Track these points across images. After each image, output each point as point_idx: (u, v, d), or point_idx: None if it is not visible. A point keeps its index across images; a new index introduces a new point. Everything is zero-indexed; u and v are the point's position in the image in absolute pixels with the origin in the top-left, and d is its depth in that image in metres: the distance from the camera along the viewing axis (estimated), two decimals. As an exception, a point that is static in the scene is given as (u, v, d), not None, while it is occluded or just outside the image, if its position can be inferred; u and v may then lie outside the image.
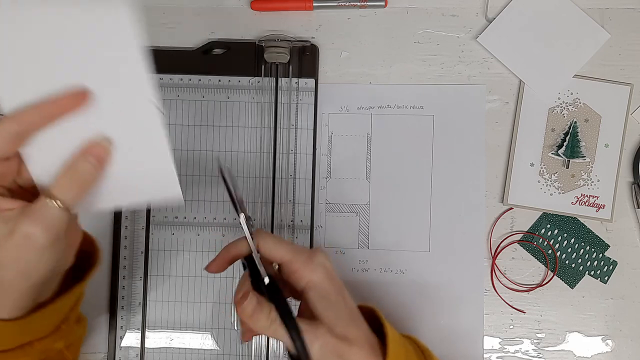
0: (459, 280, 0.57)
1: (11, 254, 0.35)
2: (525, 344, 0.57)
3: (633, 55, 0.58)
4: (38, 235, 0.34)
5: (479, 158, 0.58)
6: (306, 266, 0.39)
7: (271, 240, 0.41)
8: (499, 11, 0.59)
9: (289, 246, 0.41)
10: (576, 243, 0.58)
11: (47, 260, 0.36)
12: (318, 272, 0.39)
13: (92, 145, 0.37)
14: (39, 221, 0.35)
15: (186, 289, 0.58)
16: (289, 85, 0.58)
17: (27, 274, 0.36)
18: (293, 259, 0.40)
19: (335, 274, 0.41)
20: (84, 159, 0.36)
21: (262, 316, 0.38)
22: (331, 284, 0.40)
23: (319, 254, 0.40)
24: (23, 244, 0.35)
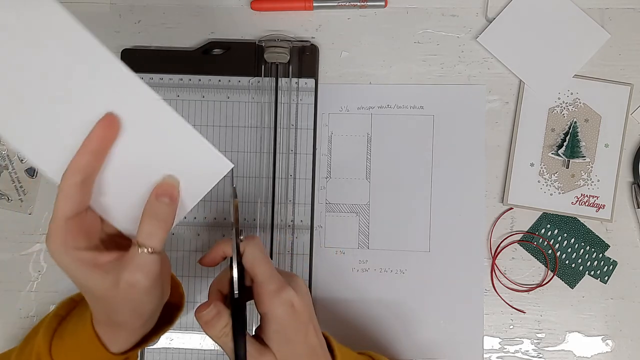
0: (459, 280, 0.57)
1: (121, 300, 0.38)
2: (525, 344, 0.57)
3: (633, 55, 0.58)
4: (140, 281, 0.37)
5: (479, 158, 0.58)
6: (272, 297, 0.39)
7: (255, 254, 0.41)
8: (499, 11, 0.59)
9: (266, 269, 0.40)
10: (576, 243, 0.58)
11: (152, 299, 0.40)
12: (281, 308, 0.39)
13: (160, 186, 0.39)
14: (138, 269, 0.37)
15: (186, 289, 0.58)
16: (289, 85, 0.58)
17: (139, 313, 0.40)
18: (263, 284, 0.40)
19: (303, 307, 0.40)
20: (157, 202, 0.38)
21: (217, 326, 0.40)
22: (292, 321, 0.40)
23: (287, 290, 0.40)
24: (129, 291, 0.37)
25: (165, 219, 0.38)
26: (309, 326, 0.41)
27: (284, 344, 0.40)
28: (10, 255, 0.59)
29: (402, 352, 0.57)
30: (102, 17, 0.60)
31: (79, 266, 0.37)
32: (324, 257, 0.58)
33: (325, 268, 0.58)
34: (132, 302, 0.38)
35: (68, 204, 0.37)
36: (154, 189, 0.39)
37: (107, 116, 0.37)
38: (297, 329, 0.40)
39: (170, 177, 0.39)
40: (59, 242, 0.37)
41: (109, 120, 0.37)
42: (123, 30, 0.60)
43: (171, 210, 0.39)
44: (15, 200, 0.59)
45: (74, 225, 0.37)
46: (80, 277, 0.38)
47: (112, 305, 0.38)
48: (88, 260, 0.38)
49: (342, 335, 0.56)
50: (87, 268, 0.38)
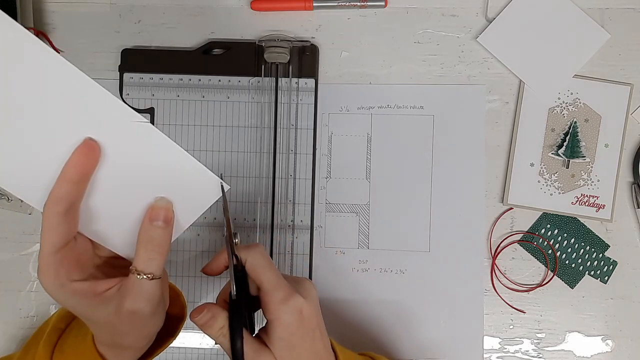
0: (459, 280, 0.57)
1: (125, 327, 0.38)
2: (525, 344, 0.57)
3: (633, 55, 0.58)
4: (142, 308, 0.37)
5: (479, 158, 0.58)
6: (279, 306, 0.38)
7: (259, 261, 0.40)
8: (499, 11, 0.59)
9: (272, 277, 0.39)
10: (576, 243, 0.58)
11: (155, 322, 0.40)
12: (288, 316, 0.38)
13: (152, 209, 0.38)
14: (139, 297, 0.37)
15: (186, 288, 0.58)
16: (289, 85, 0.58)
17: (143, 335, 0.40)
18: (270, 292, 0.39)
19: (311, 314, 0.40)
20: (151, 226, 0.38)
21: (214, 327, 0.39)
22: (299, 329, 0.39)
23: (297, 297, 0.39)
24: (132, 318, 0.37)
25: (161, 243, 0.37)
26: (315, 331, 0.40)
27: (286, 349, 0.39)
28: (10, 255, 0.59)
29: (402, 352, 0.57)
30: (102, 17, 0.60)
31: (77, 299, 0.37)
32: (324, 257, 0.58)
33: (325, 268, 0.58)
34: (136, 327, 0.38)
35: (54, 235, 0.35)
36: (147, 213, 0.38)
37: (85, 142, 0.36)
38: (304, 336, 0.39)
39: (162, 199, 0.38)
40: (52, 277, 0.36)
41: (87, 147, 0.36)
42: (123, 30, 0.60)
43: (166, 233, 0.38)
44: (15, 200, 0.59)
45: (65, 256, 0.36)
46: (80, 309, 0.38)
47: (115, 330, 0.38)
48: (85, 291, 0.37)
49: (342, 335, 0.56)
50: (86, 299, 0.37)
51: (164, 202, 0.38)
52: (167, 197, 0.39)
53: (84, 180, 0.36)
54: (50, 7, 0.60)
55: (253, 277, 0.40)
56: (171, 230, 0.38)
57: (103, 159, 0.37)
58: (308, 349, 0.40)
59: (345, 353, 0.44)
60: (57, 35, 0.60)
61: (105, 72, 0.59)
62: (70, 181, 0.35)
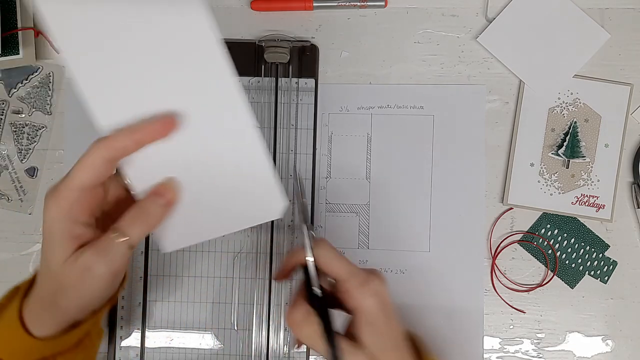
0: (459, 280, 0.57)
1: (72, 281, 0.36)
2: (525, 344, 0.57)
3: (633, 55, 0.58)
4: (97, 267, 0.36)
5: (479, 158, 0.58)
6: (359, 290, 0.39)
7: (330, 254, 0.40)
8: (499, 11, 0.59)
9: (346, 265, 0.40)
10: (576, 243, 0.58)
11: (102, 292, 0.38)
12: (370, 299, 0.39)
13: (162, 187, 0.38)
14: (102, 254, 0.36)
15: (186, 289, 0.58)
16: (289, 85, 0.58)
17: (83, 303, 0.38)
18: (348, 279, 0.39)
19: (388, 300, 0.40)
20: (153, 201, 0.38)
21: (307, 327, 0.39)
22: (381, 312, 0.39)
23: (374, 279, 0.40)
24: (83, 274, 0.36)
25: (152, 217, 0.37)
26: (393, 316, 0.40)
27: (376, 336, 0.39)
28: (10, 255, 0.59)
29: (402, 352, 0.57)
30: (102, 17, 0.60)
31: (62, 237, 0.36)
32: (324, 257, 0.58)
33: (325, 268, 0.58)
34: (81, 287, 0.37)
35: (90, 174, 0.36)
36: (154, 187, 0.38)
37: (170, 117, 0.37)
38: (386, 319, 0.39)
39: (174, 181, 0.38)
40: (64, 210, 0.36)
41: (169, 121, 0.37)
42: (123, 30, 0.60)
43: (162, 212, 0.38)
44: (15, 200, 0.59)
45: (85, 198, 0.37)
46: (52, 245, 0.37)
47: (61, 284, 0.37)
48: (77, 235, 0.37)
49: (342, 335, 0.56)
50: (67, 241, 0.36)
51: (174, 184, 0.38)
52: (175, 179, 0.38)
53: (143, 145, 0.37)
54: (50, 7, 0.60)
55: (327, 270, 0.40)
56: (167, 212, 0.38)
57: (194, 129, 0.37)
58: (390, 335, 0.40)
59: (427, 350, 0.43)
60: (57, 35, 0.60)
61: (105, 72, 0.59)
62: (133, 139, 0.36)
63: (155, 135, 0.37)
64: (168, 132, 0.37)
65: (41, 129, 0.60)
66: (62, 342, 0.41)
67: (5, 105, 0.60)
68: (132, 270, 0.57)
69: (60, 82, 0.60)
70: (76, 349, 0.43)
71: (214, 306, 0.57)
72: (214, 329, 0.57)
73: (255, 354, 0.56)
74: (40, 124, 0.60)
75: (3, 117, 0.60)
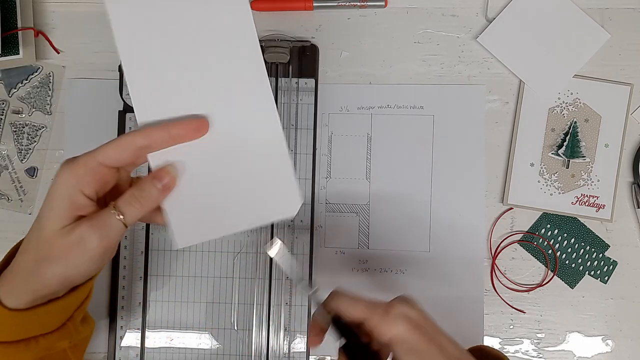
0: (459, 280, 0.57)
1: (62, 252, 0.37)
2: (525, 344, 0.57)
3: (633, 55, 0.58)
4: (91, 240, 0.37)
5: (479, 158, 0.58)
6: (384, 321, 0.37)
7: (346, 300, 0.39)
8: (499, 11, 0.59)
9: (365, 303, 0.39)
10: (576, 243, 0.58)
11: (87, 269, 0.38)
12: (399, 325, 0.37)
13: (162, 171, 0.39)
14: (97, 228, 0.37)
15: (186, 289, 0.58)
16: (289, 85, 0.58)
17: (66, 277, 0.38)
18: (370, 316, 0.38)
19: (424, 320, 0.38)
20: (151, 183, 0.39)
21: None
22: (418, 334, 0.37)
23: (396, 304, 0.38)
24: (75, 246, 0.37)
25: (148, 199, 0.38)
26: (441, 337, 0.38)
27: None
28: (10, 255, 0.59)
29: (402, 352, 0.57)
30: (102, 17, 0.60)
31: (65, 203, 0.37)
32: (324, 257, 0.58)
33: (325, 268, 0.58)
34: (70, 260, 0.37)
35: (117, 153, 0.37)
36: (154, 171, 0.39)
37: (203, 120, 0.39)
38: (428, 340, 0.37)
39: (172, 167, 0.39)
40: (78, 175, 0.37)
41: (201, 124, 0.39)
42: (123, 30, 0.60)
43: (159, 195, 0.39)
44: (15, 200, 0.59)
45: (100, 173, 0.38)
46: (52, 211, 0.37)
47: (49, 252, 0.37)
48: (78, 205, 0.37)
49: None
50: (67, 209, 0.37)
51: (172, 169, 0.39)
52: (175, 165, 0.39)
53: (176, 142, 0.39)
54: (50, 7, 0.60)
55: (347, 317, 0.39)
56: (164, 195, 0.39)
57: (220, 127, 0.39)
58: (441, 355, 0.37)
59: None
60: (57, 35, 0.60)
61: (105, 72, 0.59)
62: (170, 135, 0.38)
63: (189, 136, 0.39)
64: (201, 135, 0.39)
65: (41, 129, 0.60)
66: (42, 320, 0.40)
67: (5, 105, 0.60)
68: (132, 270, 0.57)
69: (60, 82, 0.60)
70: (59, 333, 0.42)
71: (214, 306, 0.57)
72: (214, 329, 0.57)
73: (255, 354, 0.56)
74: (40, 124, 0.60)
75: (3, 117, 0.60)
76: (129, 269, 0.57)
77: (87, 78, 0.60)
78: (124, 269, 0.57)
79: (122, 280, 0.57)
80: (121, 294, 0.57)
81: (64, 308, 0.42)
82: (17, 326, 0.39)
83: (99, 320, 0.57)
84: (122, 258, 0.57)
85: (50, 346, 0.42)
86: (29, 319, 0.39)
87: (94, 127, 0.59)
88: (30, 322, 0.40)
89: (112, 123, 0.58)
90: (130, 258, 0.58)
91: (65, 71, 0.60)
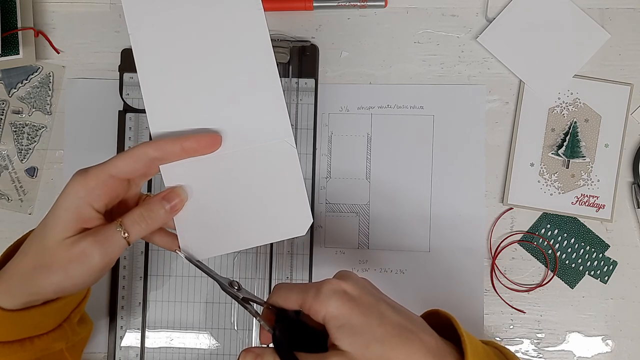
0: (459, 280, 0.57)
1: (62, 261, 0.37)
2: (525, 344, 0.57)
3: (633, 55, 0.58)
4: (94, 255, 0.37)
5: (479, 158, 0.58)
6: (316, 300, 0.35)
7: (282, 291, 0.38)
8: (499, 11, 0.59)
9: (299, 288, 0.37)
10: (576, 243, 0.58)
11: (84, 282, 0.38)
12: (330, 301, 0.35)
13: (172, 193, 0.39)
14: (100, 244, 0.37)
15: (186, 289, 0.58)
16: (289, 85, 0.58)
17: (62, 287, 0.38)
18: (303, 299, 0.36)
19: (359, 292, 0.36)
20: (160, 203, 0.39)
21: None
22: (351, 307, 0.35)
23: (328, 281, 0.36)
24: (77, 259, 0.37)
25: (155, 220, 0.39)
26: (379, 306, 0.36)
27: (353, 334, 0.34)
28: (10, 255, 0.59)
29: (402, 352, 0.57)
30: (102, 17, 0.60)
31: (72, 215, 0.37)
32: (324, 257, 0.58)
33: (325, 268, 0.58)
34: (69, 271, 0.37)
35: (128, 165, 0.37)
36: (163, 191, 0.39)
37: (216, 134, 0.39)
38: (365, 313, 0.35)
39: (183, 189, 0.40)
40: (89, 187, 0.37)
41: (215, 139, 0.39)
42: (123, 30, 0.60)
43: (165, 216, 0.39)
44: (15, 200, 0.59)
45: (111, 186, 0.38)
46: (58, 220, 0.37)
47: (50, 261, 0.37)
48: (85, 218, 0.37)
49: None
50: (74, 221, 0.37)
51: (182, 191, 0.40)
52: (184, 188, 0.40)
53: (188, 155, 0.39)
54: (50, 7, 0.60)
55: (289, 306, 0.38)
56: (170, 217, 0.40)
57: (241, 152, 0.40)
58: (379, 324, 0.35)
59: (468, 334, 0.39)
60: (57, 35, 0.60)
61: (105, 72, 0.59)
62: (183, 149, 0.38)
63: (201, 150, 0.39)
64: (213, 150, 0.39)
65: (41, 129, 0.60)
66: (35, 321, 0.40)
67: (5, 105, 0.60)
68: (132, 270, 0.57)
69: (60, 82, 0.60)
70: (55, 334, 0.42)
71: (214, 306, 0.57)
72: (213, 329, 0.57)
73: (255, 354, 0.56)
74: (40, 124, 0.60)
75: (3, 117, 0.60)
76: (129, 269, 0.57)
77: (87, 78, 0.60)
78: (124, 269, 0.57)
79: (122, 280, 0.57)
80: (121, 294, 0.57)
81: (59, 309, 0.42)
82: (12, 326, 0.39)
83: (99, 320, 0.57)
84: (122, 258, 0.57)
85: (46, 347, 0.42)
86: (24, 320, 0.39)
87: (94, 127, 0.59)
88: (25, 322, 0.40)
89: (112, 123, 0.58)
90: (130, 258, 0.58)
91: (65, 71, 0.60)
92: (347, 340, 0.34)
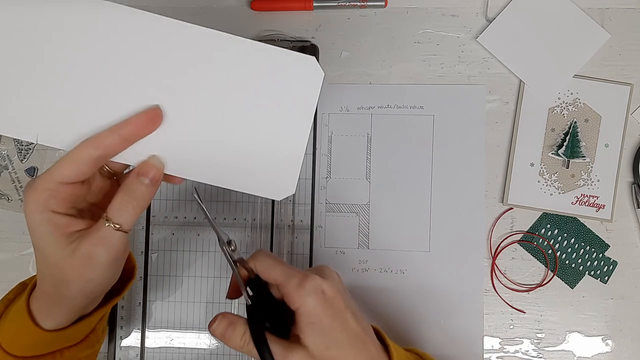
0: (459, 280, 0.57)
1: (74, 272, 0.37)
2: (525, 344, 0.57)
3: (633, 55, 0.58)
4: (99, 254, 0.36)
5: (479, 158, 0.58)
6: (297, 292, 0.37)
7: (267, 262, 0.39)
8: (499, 11, 0.59)
9: (283, 269, 0.39)
10: (576, 243, 0.58)
11: (106, 279, 0.38)
12: (309, 298, 0.37)
13: (146, 165, 0.37)
14: (99, 242, 0.36)
15: (186, 289, 0.58)
16: (289, 85, 0.58)
17: (88, 291, 0.38)
18: (285, 283, 0.38)
19: (335, 295, 0.38)
20: (137, 180, 0.37)
21: (234, 336, 0.38)
22: (324, 309, 0.37)
23: (312, 277, 0.38)
24: (85, 263, 0.36)
25: (139, 198, 0.37)
26: (346, 312, 0.38)
27: (319, 334, 0.37)
28: (10, 255, 0.59)
29: (402, 352, 0.57)
30: (102, 17, 0.60)
31: (47, 229, 0.36)
32: (324, 257, 0.58)
33: (325, 268, 0.58)
34: (84, 276, 0.37)
35: (71, 169, 0.35)
36: (138, 167, 0.37)
37: (154, 109, 0.37)
38: (334, 317, 0.38)
39: (155, 157, 0.38)
40: (41, 200, 0.35)
41: (153, 114, 0.37)
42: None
43: (149, 192, 0.37)
44: (15, 200, 0.59)
45: (65, 191, 0.36)
46: (43, 241, 0.36)
47: (64, 275, 0.37)
48: (58, 223, 0.36)
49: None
50: (55, 232, 0.36)
51: (157, 161, 0.38)
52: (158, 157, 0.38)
53: (131, 142, 0.37)
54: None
55: (267, 279, 0.39)
56: (154, 191, 0.38)
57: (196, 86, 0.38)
58: (342, 330, 0.38)
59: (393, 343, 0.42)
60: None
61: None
62: (121, 137, 0.36)
63: (142, 131, 0.37)
64: (156, 126, 0.37)
65: (41, 129, 0.60)
66: (70, 335, 0.41)
67: (5, 105, 0.60)
68: (132, 270, 0.57)
69: (60, 82, 0.60)
70: (82, 344, 0.43)
71: (214, 306, 0.57)
72: (214, 329, 0.57)
73: (255, 354, 0.56)
74: (40, 124, 0.60)
75: (3, 117, 0.60)
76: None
77: (87, 78, 0.60)
78: (124, 269, 0.57)
79: (122, 280, 0.57)
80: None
81: (90, 322, 0.42)
82: (50, 343, 0.40)
83: (99, 320, 0.57)
84: (122, 258, 0.57)
85: (73, 356, 0.43)
86: (60, 336, 0.40)
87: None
88: (60, 338, 0.40)
89: (112, 123, 0.58)
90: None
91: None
92: (312, 338, 0.37)
